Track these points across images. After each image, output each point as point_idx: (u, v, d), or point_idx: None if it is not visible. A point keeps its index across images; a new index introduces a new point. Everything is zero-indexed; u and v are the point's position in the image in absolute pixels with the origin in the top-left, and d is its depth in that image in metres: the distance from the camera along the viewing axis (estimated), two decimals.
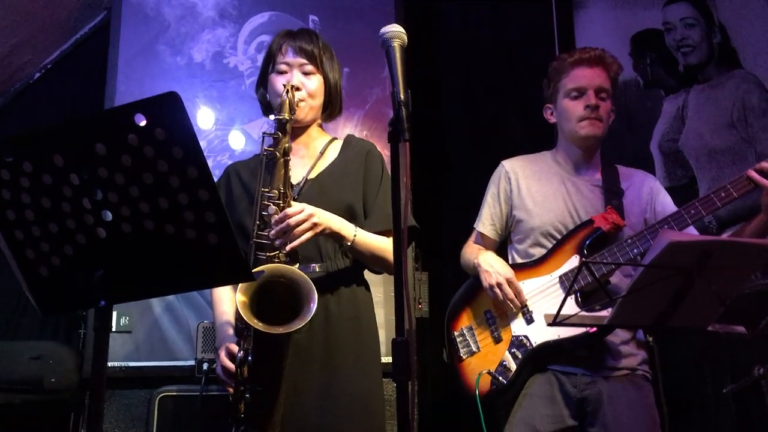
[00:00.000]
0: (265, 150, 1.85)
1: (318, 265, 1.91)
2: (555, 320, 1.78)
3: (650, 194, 2.25)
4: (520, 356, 2.12)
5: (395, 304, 1.30)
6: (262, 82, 2.08)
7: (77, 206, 1.22)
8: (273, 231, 1.77)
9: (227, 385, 1.82)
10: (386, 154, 1.99)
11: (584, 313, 1.95)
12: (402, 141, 1.37)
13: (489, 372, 2.12)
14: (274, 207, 1.80)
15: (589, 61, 2.24)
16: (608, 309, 1.85)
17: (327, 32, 3.04)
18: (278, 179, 1.83)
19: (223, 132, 3.22)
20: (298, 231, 1.77)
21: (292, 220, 1.76)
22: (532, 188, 2.29)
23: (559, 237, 2.19)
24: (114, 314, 2.89)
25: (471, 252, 2.34)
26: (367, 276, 2.05)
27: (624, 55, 3.53)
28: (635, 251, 2.04)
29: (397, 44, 1.45)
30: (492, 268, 2.18)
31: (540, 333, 2.11)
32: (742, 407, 2.71)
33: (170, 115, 1.13)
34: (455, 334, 2.26)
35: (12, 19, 3.13)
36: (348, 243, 1.87)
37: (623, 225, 2.13)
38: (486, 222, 2.36)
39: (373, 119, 3.27)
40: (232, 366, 1.78)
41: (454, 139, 3.63)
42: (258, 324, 1.67)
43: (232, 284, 1.97)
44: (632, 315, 1.77)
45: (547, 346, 2.09)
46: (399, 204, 1.36)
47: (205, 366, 2.65)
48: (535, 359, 2.11)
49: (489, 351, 2.18)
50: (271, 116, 1.92)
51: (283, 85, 1.91)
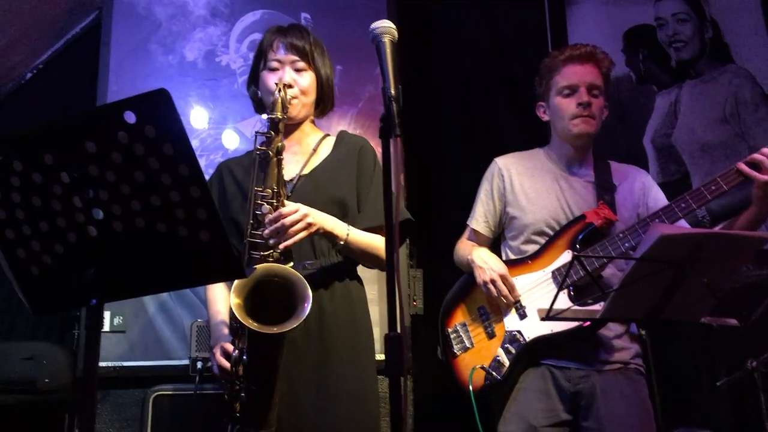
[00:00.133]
0: (258, 149, 1.85)
1: (312, 262, 1.91)
2: (548, 315, 1.79)
3: (642, 189, 2.26)
4: (514, 351, 2.12)
5: (387, 299, 1.29)
6: (254, 80, 2.08)
7: (68, 205, 1.21)
8: (267, 230, 1.77)
9: (223, 383, 1.82)
10: (380, 151, 1.98)
11: (577, 308, 1.95)
12: (393, 136, 1.37)
13: (483, 367, 2.13)
14: (268, 206, 1.80)
15: (581, 58, 2.24)
16: (601, 303, 1.86)
17: (319, 30, 3.01)
18: (272, 178, 1.83)
19: (216, 131, 3.22)
20: (293, 231, 1.77)
21: (287, 220, 1.76)
22: (525, 185, 2.29)
23: (552, 234, 2.20)
24: (108, 314, 2.89)
25: (464, 248, 2.34)
26: (362, 274, 2.05)
27: (616, 51, 3.53)
28: (627, 245, 2.04)
29: (388, 40, 1.45)
30: (486, 264, 2.18)
31: (533, 328, 2.11)
32: (736, 400, 2.72)
33: (160, 112, 1.13)
34: (449, 331, 2.26)
35: (2, 20, 3.12)
36: (341, 242, 1.87)
37: (615, 220, 2.13)
38: (479, 219, 2.36)
39: (367, 117, 3.27)
40: (228, 365, 1.78)
41: (449, 137, 3.63)
42: (253, 324, 1.66)
43: (225, 281, 1.98)
44: (625, 309, 1.78)
45: (541, 341, 2.09)
46: (390, 200, 1.36)
47: (200, 365, 2.65)
48: (529, 354, 2.12)
49: (483, 346, 2.18)
50: (264, 115, 1.91)
51: (276, 84, 1.90)
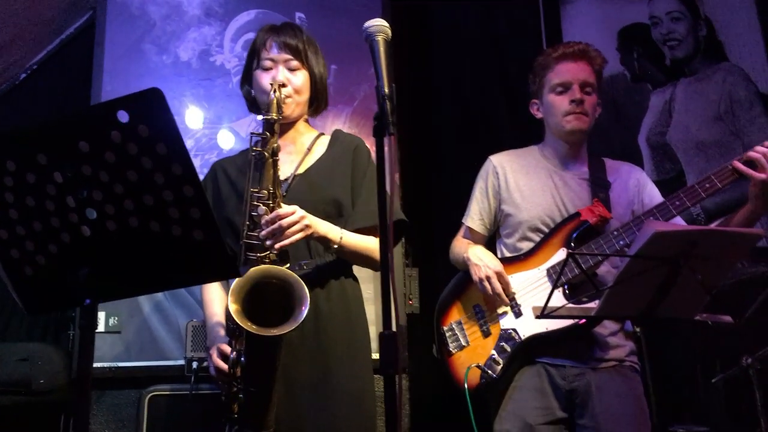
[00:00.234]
0: (254, 150, 1.84)
1: (307, 262, 1.91)
2: (542, 312, 1.79)
3: (637, 186, 2.26)
4: (509, 349, 2.12)
5: (382, 298, 1.29)
6: (247, 79, 2.07)
7: (61, 204, 1.21)
8: (264, 231, 1.77)
9: (221, 385, 1.82)
10: (374, 150, 1.98)
11: (572, 305, 1.96)
12: (387, 135, 1.37)
13: (478, 366, 2.13)
14: (264, 207, 1.80)
15: (573, 56, 2.25)
16: (596, 301, 1.86)
17: (314, 29, 3.02)
18: (267, 179, 1.83)
19: (211, 131, 3.21)
20: (290, 232, 1.77)
21: (285, 222, 1.76)
22: (520, 182, 2.30)
23: (547, 231, 2.20)
24: (103, 315, 2.89)
25: (460, 246, 2.34)
26: (358, 273, 2.05)
27: (611, 50, 3.54)
28: (621, 243, 2.05)
29: (381, 38, 1.45)
30: (482, 262, 2.19)
31: (528, 326, 2.11)
32: (732, 397, 2.72)
33: (153, 112, 1.13)
34: (444, 329, 2.26)
35: None
36: (334, 246, 1.87)
37: (610, 217, 2.14)
38: (474, 217, 2.36)
39: (362, 116, 3.26)
40: (225, 366, 1.78)
41: (445, 136, 3.63)
42: (252, 327, 1.66)
43: (219, 280, 1.98)
44: (619, 306, 1.78)
45: (536, 339, 2.10)
46: (384, 199, 1.36)
47: (195, 365, 2.65)
48: (524, 352, 2.12)
49: (478, 345, 2.18)
50: (259, 116, 1.91)
51: (270, 85, 1.90)
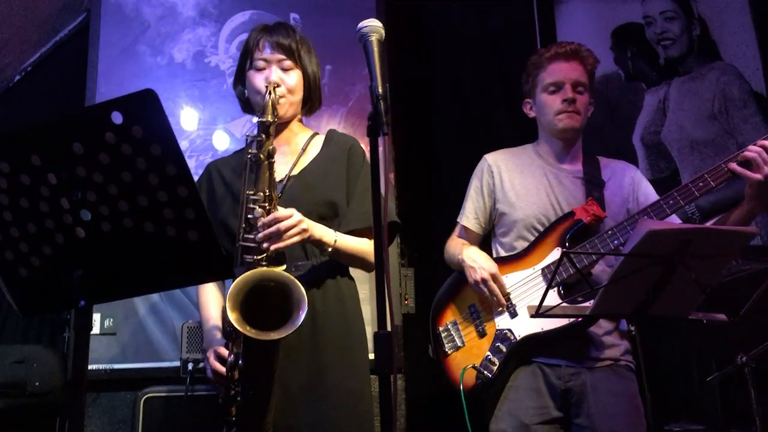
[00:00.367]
0: (249, 152, 1.84)
1: (303, 263, 1.91)
2: (537, 312, 1.79)
3: (632, 184, 2.27)
4: (505, 350, 2.12)
5: (377, 298, 1.30)
6: (240, 79, 2.06)
7: (55, 206, 1.21)
8: (261, 234, 1.76)
9: (218, 387, 1.82)
10: (368, 150, 1.98)
11: (567, 305, 1.96)
12: (381, 135, 1.37)
13: (474, 366, 2.13)
14: (260, 210, 1.80)
15: (565, 56, 2.26)
16: (591, 300, 1.86)
17: (308, 30, 3.02)
18: (263, 182, 1.82)
19: (206, 132, 3.21)
20: (287, 236, 1.77)
21: (283, 225, 1.76)
22: (515, 181, 2.30)
23: (542, 229, 2.21)
24: (98, 316, 2.88)
25: (455, 247, 2.34)
26: (354, 273, 2.05)
27: (605, 49, 3.54)
28: (616, 242, 2.05)
29: (375, 38, 1.46)
30: (476, 264, 2.19)
31: (524, 326, 2.12)
32: (727, 395, 2.73)
33: (147, 113, 1.13)
34: (440, 329, 2.26)
35: None
36: (329, 249, 1.87)
37: (604, 216, 2.14)
38: (470, 216, 2.36)
39: (356, 116, 3.26)
40: (223, 369, 1.77)
41: (443, 135, 3.63)
42: (251, 331, 1.66)
43: (214, 281, 1.98)
44: (614, 305, 1.79)
45: (531, 339, 2.10)
46: (379, 199, 1.36)
47: (191, 366, 2.64)
48: (520, 352, 2.12)
49: (474, 345, 2.18)
50: (255, 119, 1.91)
51: (265, 87, 1.90)
